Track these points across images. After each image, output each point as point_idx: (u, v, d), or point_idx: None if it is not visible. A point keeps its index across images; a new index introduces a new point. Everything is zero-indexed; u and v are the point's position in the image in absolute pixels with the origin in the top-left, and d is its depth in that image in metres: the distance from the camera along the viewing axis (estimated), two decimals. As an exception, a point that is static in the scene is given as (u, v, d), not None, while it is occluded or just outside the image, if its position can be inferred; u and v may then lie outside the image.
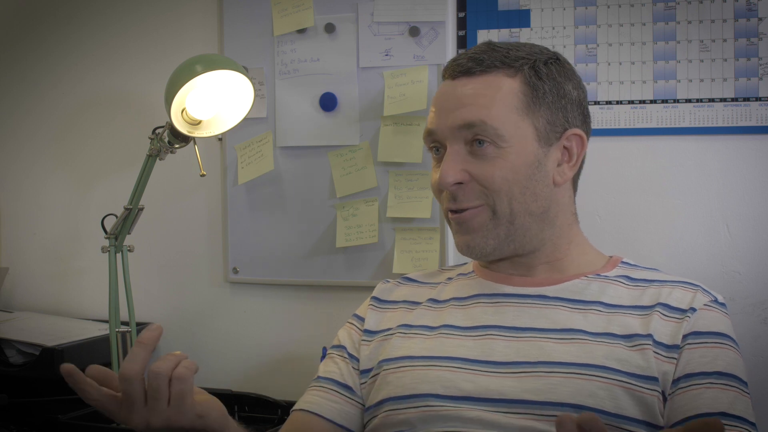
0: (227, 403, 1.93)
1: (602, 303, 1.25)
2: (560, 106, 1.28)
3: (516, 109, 1.25)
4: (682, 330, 1.19)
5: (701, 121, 1.73)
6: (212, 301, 2.12)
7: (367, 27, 1.93)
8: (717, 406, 1.13)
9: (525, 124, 1.25)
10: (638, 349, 1.18)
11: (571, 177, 1.31)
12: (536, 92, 1.26)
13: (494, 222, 1.26)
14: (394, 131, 1.91)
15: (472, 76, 1.27)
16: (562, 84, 1.29)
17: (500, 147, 1.24)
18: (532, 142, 1.26)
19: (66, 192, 2.24)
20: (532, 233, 1.28)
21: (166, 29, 2.12)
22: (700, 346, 1.18)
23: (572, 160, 1.30)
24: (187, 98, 1.71)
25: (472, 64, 1.27)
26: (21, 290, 2.29)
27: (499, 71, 1.27)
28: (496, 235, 1.26)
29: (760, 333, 1.69)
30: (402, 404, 1.23)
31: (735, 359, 1.18)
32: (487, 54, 1.28)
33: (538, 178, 1.26)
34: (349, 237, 1.95)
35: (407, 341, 1.29)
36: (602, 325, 1.21)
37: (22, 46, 2.26)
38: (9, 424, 1.87)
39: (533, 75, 1.27)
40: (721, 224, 1.73)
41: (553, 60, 1.30)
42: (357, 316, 1.40)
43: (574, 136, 1.29)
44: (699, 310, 1.21)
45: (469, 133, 1.25)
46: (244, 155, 2.02)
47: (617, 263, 1.32)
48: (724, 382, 1.15)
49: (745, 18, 1.69)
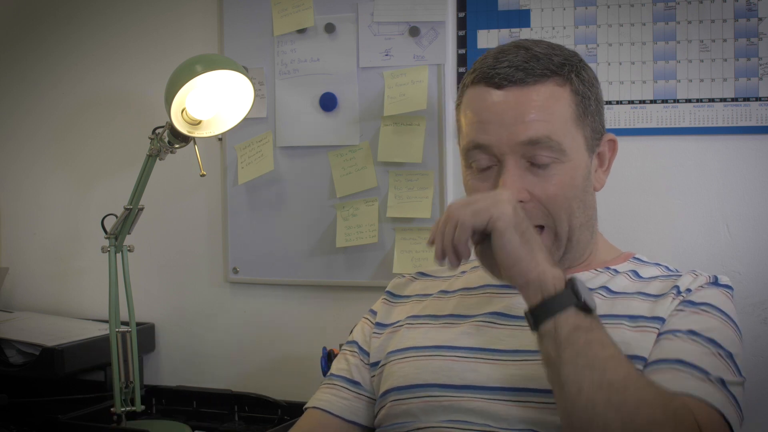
0: (227, 403, 1.95)
1: (607, 288, 1.25)
2: (598, 112, 1.27)
3: (571, 120, 1.22)
4: (674, 306, 1.19)
5: (701, 121, 1.73)
6: (212, 301, 2.11)
7: (367, 27, 1.92)
8: (676, 354, 1.12)
9: (578, 135, 1.23)
10: (641, 330, 1.18)
11: (605, 181, 1.31)
12: (584, 101, 1.24)
13: (556, 245, 1.24)
14: (394, 131, 1.91)
15: (523, 86, 1.21)
16: (597, 88, 1.28)
17: (562, 163, 1.21)
18: (584, 153, 1.24)
19: (66, 192, 2.24)
20: (583, 245, 1.28)
21: (166, 29, 2.12)
22: (682, 311, 1.18)
23: (604, 164, 1.30)
24: (187, 98, 1.71)
25: (522, 74, 1.21)
26: (21, 290, 2.29)
27: (550, 80, 1.22)
28: (557, 256, 1.24)
29: (760, 333, 1.69)
30: (405, 394, 1.24)
31: (717, 326, 1.16)
32: (534, 62, 1.22)
33: (588, 189, 1.26)
34: (349, 237, 1.95)
35: (413, 331, 1.30)
36: (606, 308, 1.21)
37: (22, 46, 2.26)
38: (9, 424, 1.87)
39: (579, 82, 1.24)
40: (721, 224, 1.73)
41: (583, 63, 1.28)
42: (371, 311, 1.42)
43: (609, 141, 1.30)
44: (694, 291, 1.21)
45: (531, 150, 1.20)
46: (244, 155, 2.02)
47: (628, 258, 1.33)
48: (694, 339, 1.14)
49: (745, 18, 1.69)
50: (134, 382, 1.82)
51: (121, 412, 1.80)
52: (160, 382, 2.12)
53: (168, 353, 2.15)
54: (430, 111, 1.88)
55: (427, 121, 1.89)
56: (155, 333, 2.14)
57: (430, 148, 1.89)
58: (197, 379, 2.10)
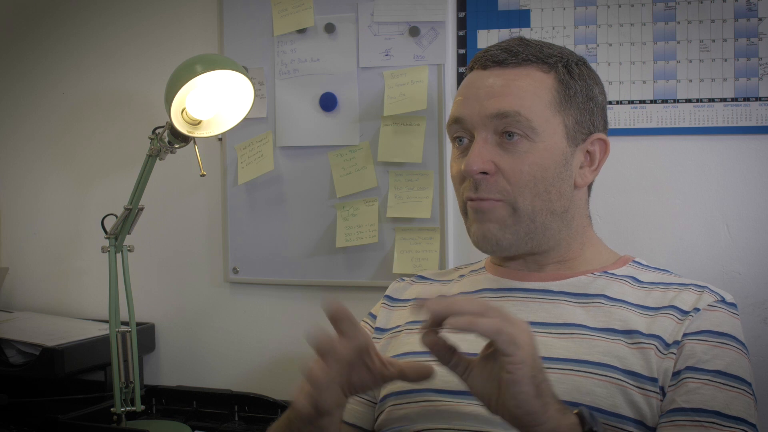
0: (227, 403, 1.95)
1: (605, 296, 1.25)
2: (588, 108, 1.28)
3: (549, 104, 1.25)
4: (684, 329, 1.19)
5: (701, 121, 1.73)
6: (212, 301, 2.12)
7: (367, 27, 1.92)
8: (712, 404, 1.12)
9: (556, 120, 1.25)
10: (638, 347, 1.18)
11: (591, 181, 1.31)
12: (568, 90, 1.26)
13: (514, 218, 1.24)
14: (394, 131, 1.91)
15: (505, 67, 1.26)
16: (591, 86, 1.30)
17: (532, 141, 1.23)
18: (561, 140, 1.25)
19: (66, 192, 2.24)
20: (551, 232, 1.27)
21: (166, 29, 2.12)
22: (702, 342, 1.17)
23: (594, 164, 1.30)
24: (187, 98, 1.71)
25: (506, 55, 1.26)
26: (21, 290, 2.29)
27: (534, 65, 1.26)
28: (515, 231, 1.25)
29: (760, 333, 1.70)
30: (403, 399, 1.24)
31: (737, 359, 1.17)
32: (522, 48, 1.27)
33: (564, 177, 1.26)
34: (349, 237, 1.95)
35: (411, 337, 1.30)
36: (603, 320, 1.21)
37: (22, 46, 2.26)
38: (9, 424, 1.87)
39: (566, 73, 1.27)
40: (721, 224, 1.73)
41: (582, 62, 1.31)
42: (371, 315, 1.42)
43: (599, 141, 1.30)
44: (703, 310, 1.20)
45: (501, 124, 1.23)
46: (244, 155, 2.02)
47: (627, 262, 1.32)
48: (723, 381, 1.14)
49: (745, 18, 1.69)
50: (134, 382, 1.82)
51: (121, 412, 1.80)
52: (160, 382, 2.12)
53: (168, 353, 2.15)
54: (430, 111, 1.88)
55: (427, 121, 1.89)
56: (155, 333, 2.14)
57: (430, 148, 1.89)
58: (197, 379, 2.10)
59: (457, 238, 1.89)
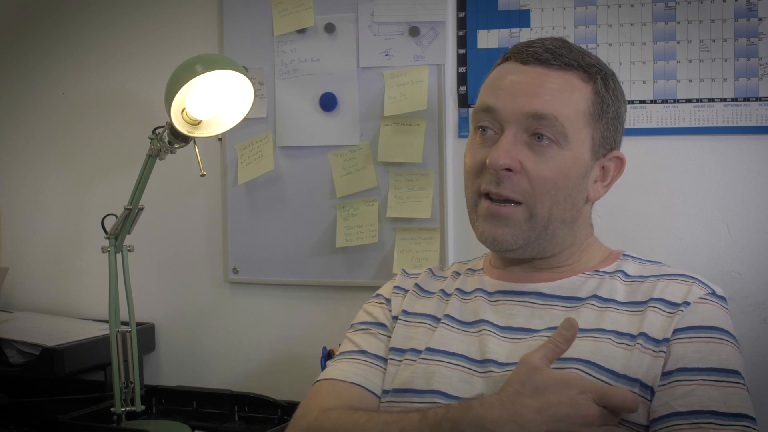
0: (227, 403, 1.95)
1: (597, 297, 1.24)
2: (614, 125, 1.28)
3: (584, 114, 1.24)
4: (674, 324, 1.17)
5: (701, 121, 1.73)
6: (212, 301, 2.12)
7: (367, 27, 1.92)
8: (709, 404, 1.11)
9: (586, 131, 1.24)
10: (625, 347, 1.17)
11: (601, 196, 1.31)
12: (602, 104, 1.26)
13: (529, 224, 1.24)
14: (394, 131, 1.91)
15: (548, 67, 1.24)
16: (621, 104, 1.30)
17: (560, 147, 1.22)
18: (587, 152, 1.25)
19: (66, 192, 2.24)
20: (558, 240, 1.27)
21: (166, 29, 2.12)
22: (694, 340, 1.16)
23: (606, 180, 1.30)
24: (187, 98, 1.71)
25: (549, 55, 1.24)
26: (21, 290, 2.29)
27: (575, 72, 1.25)
28: (527, 237, 1.24)
29: (760, 333, 1.69)
30: (399, 397, 1.24)
31: (731, 353, 1.16)
32: (566, 51, 1.25)
33: (581, 189, 1.26)
34: (349, 237, 1.95)
35: (411, 330, 1.31)
36: (594, 321, 1.21)
37: (22, 46, 2.26)
38: (9, 424, 1.87)
39: (603, 86, 1.26)
40: (721, 224, 1.73)
41: (615, 77, 1.31)
42: (381, 296, 1.40)
43: (617, 159, 1.30)
44: (693, 304, 1.19)
45: (535, 124, 1.22)
46: (244, 155, 2.02)
47: (617, 257, 1.32)
48: (718, 378, 1.13)
49: (745, 18, 1.69)
50: (134, 382, 1.82)
51: (121, 412, 1.80)
52: (160, 382, 2.12)
53: (168, 353, 2.15)
54: (430, 111, 1.88)
55: (427, 121, 1.89)
56: (155, 333, 2.14)
57: (430, 148, 1.89)
58: (197, 379, 2.10)
59: (457, 238, 1.89)
